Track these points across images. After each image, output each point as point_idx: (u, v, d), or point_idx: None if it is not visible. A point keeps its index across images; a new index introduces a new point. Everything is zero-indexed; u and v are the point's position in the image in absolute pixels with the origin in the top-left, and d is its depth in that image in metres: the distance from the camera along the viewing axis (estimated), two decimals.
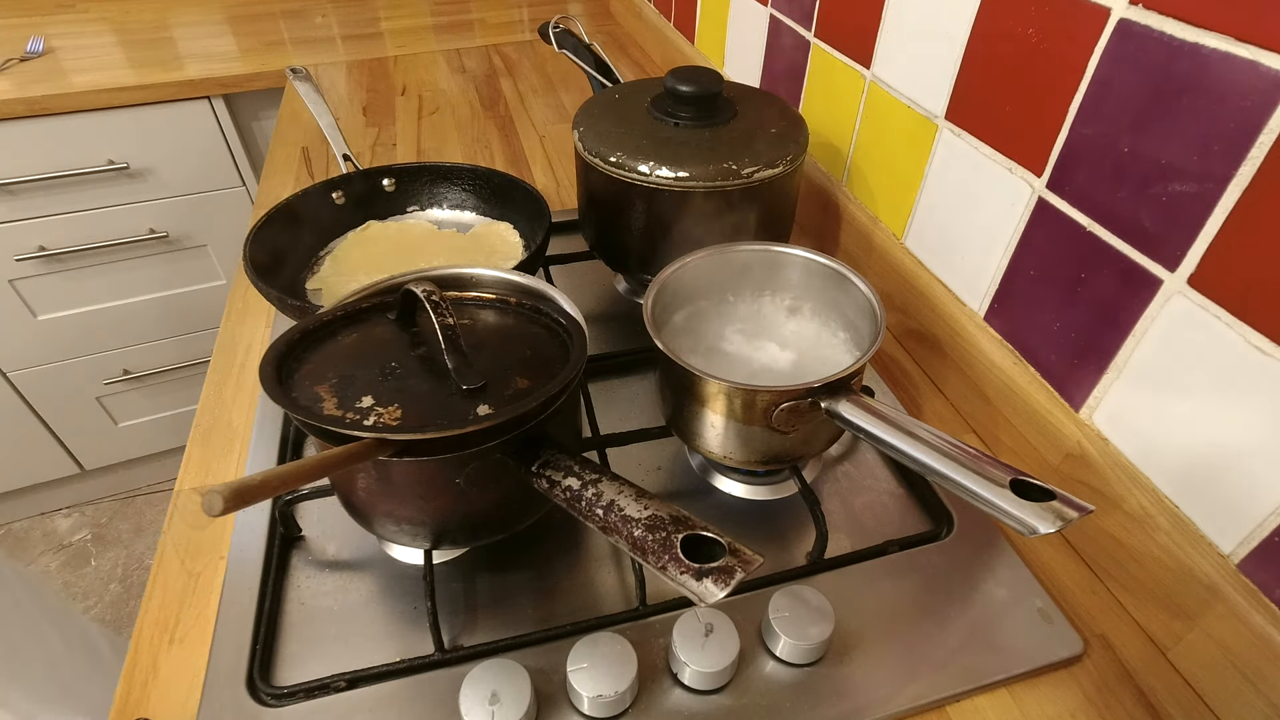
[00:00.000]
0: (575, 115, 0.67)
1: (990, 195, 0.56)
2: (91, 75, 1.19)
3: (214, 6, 1.50)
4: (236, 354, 0.68)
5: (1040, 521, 0.35)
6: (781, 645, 0.44)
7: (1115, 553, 0.49)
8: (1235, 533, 0.42)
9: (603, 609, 0.48)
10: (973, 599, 0.49)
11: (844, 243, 0.78)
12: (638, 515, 0.35)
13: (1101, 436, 0.51)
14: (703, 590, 0.31)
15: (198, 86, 1.21)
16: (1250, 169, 0.38)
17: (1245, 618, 0.41)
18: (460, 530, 0.47)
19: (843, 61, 0.72)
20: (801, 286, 0.58)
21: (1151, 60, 0.42)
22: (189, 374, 1.53)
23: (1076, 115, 0.47)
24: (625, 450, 0.58)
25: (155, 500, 1.73)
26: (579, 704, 0.42)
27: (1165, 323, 0.44)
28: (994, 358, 0.58)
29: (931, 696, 0.44)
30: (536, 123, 1.11)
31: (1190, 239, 0.41)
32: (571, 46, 0.80)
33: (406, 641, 0.47)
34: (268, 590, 0.48)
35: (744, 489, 0.56)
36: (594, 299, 0.75)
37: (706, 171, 0.59)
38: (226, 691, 0.43)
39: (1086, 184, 0.48)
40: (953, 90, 0.58)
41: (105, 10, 1.46)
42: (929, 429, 0.42)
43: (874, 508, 0.55)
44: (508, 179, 0.74)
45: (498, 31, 1.45)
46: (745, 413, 0.47)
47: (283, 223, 0.67)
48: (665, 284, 0.54)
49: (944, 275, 0.64)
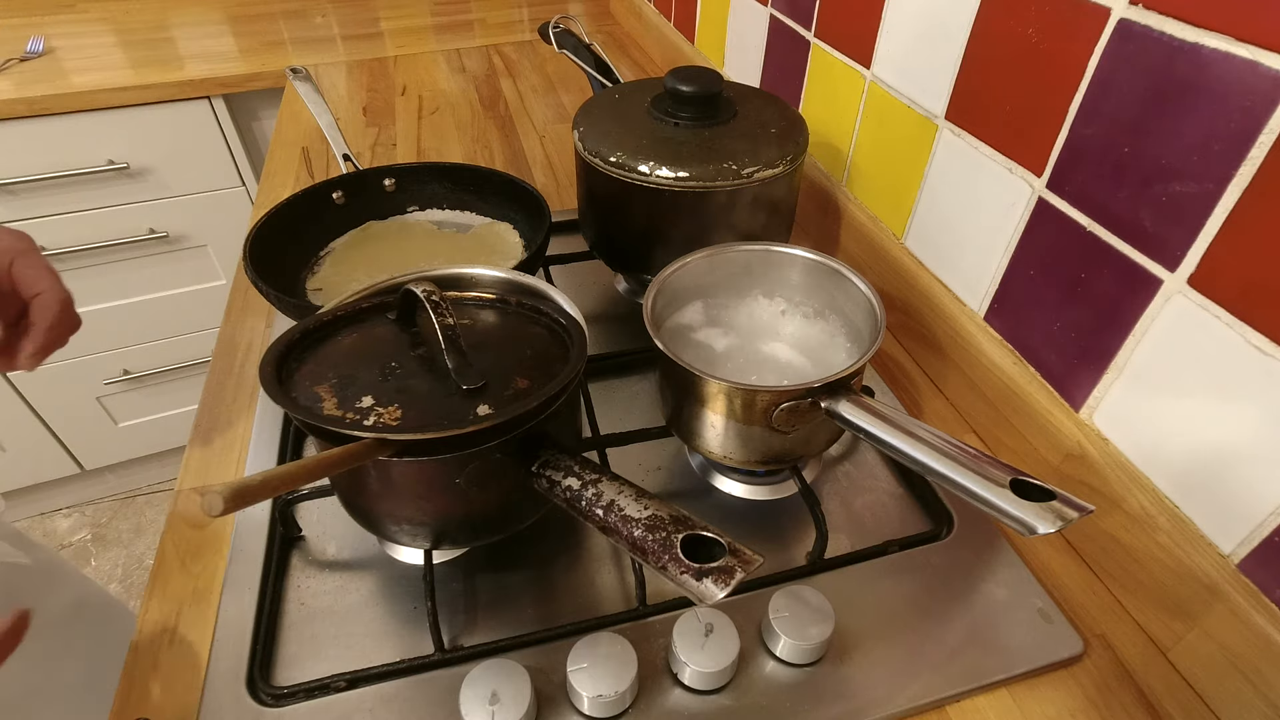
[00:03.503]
0: (575, 115, 0.67)
1: (990, 195, 0.56)
2: (91, 75, 1.19)
3: (214, 6, 1.50)
4: (236, 354, 0.68)
5: (1040, 521, 0.35)
6: (781, 645, 0.44)
7: (1115, 553, 0.49)
8: (1235, 533, 0.42)
9: (603, 609, 0.48)
10: (973, 599, 0.49)
11: (844, 243, 0.78)
12: (638, 515, 0.35)
13: (1101, 436, 0.51)
14: (703, 590, 0.31)
15: (198, 86, 1.21)
16: (1250, 169, 0.38)
17: (1245, 618, 0.41)
18: (460, 530, 0.47)
19: (843, 61, 0.72)
20: (801, 286, 0.58)
21: (1152, 60, 0.42)
22: (189, 374, 1.53)
23: (1076, 115, 0.47)
24: (625, 450, 0.58)
25: (155, 500, 1.73)
26: (579, 704, 0.42)
27: (1165, 323, 0.44)
28: (994, 358, 0.58)
29: (931, 696, 0.44)
30: (536, 123, 1.11)
31: (1190, 239, 0.41)
32: (571, 46, 0.80)
33: (406, 641, 0.47)
34: (268, 590, 0.48)
35: (744, 489, 0.56)
36: (594, 299, 0.75)
37: (706, 171, 0.59)
38: (226, 691, 0.43)
39: (1086, 184, 0.48)
40: (953, 90, 0.58)
41: (105, 10, 1.46)
42: (929, 429, 0.42)
43: (874, 508, 0.55)
44: (508, 179, 0.74)
45: (498, 31, 1.45)
46: (745, 413, 0.47)
47: (283, 222, 0.67)
48: (665, 284, 0.54)
49: (944, 275, 0.64)
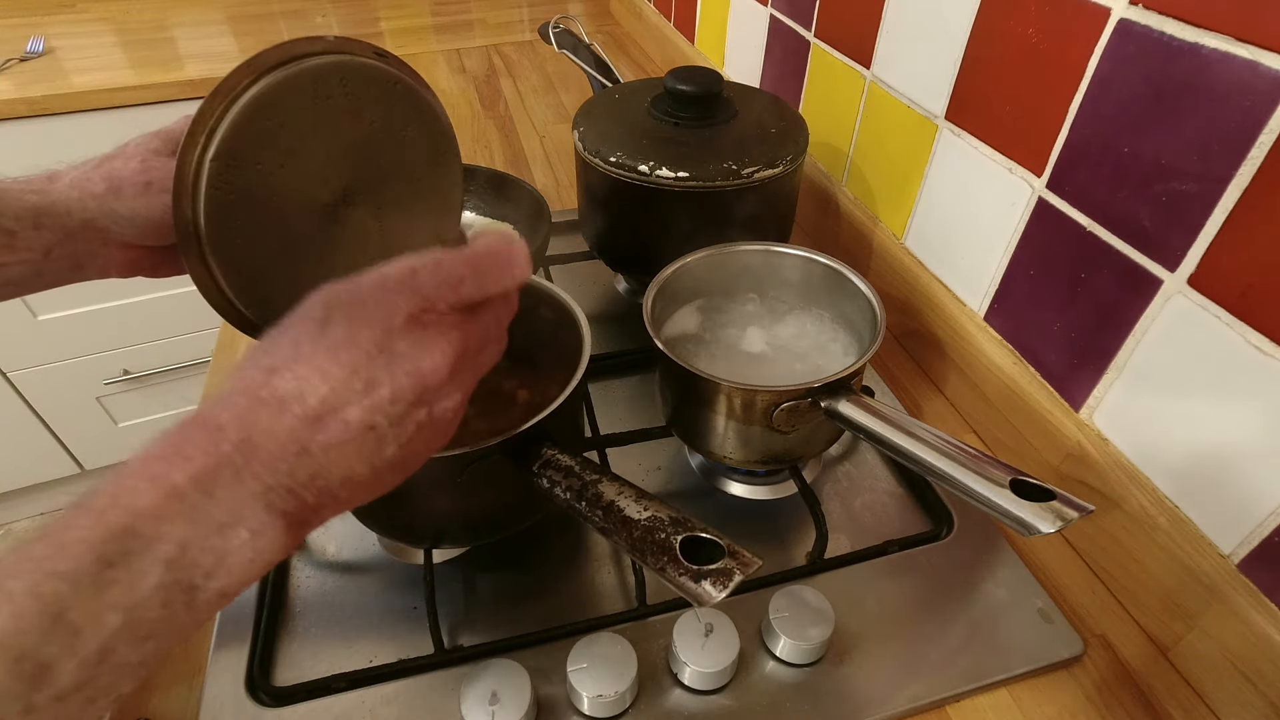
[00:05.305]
0: (575, 115, 0.67)
1: (990, 195, 0.56)
2: (91, 75, 1.19)
3: (214, 6, 1.50)
4: (236, 354, 0.68)
5: (1040, 521, 0.35)
6: (781, 645, 0.44)
7: (1115, 553, 0.49)
8: (1235, 533, 0.42)
9: (603, 609, 0.48)
10: (973, 599, 0.49)
11: (844, 243, 0.78)
12: (637, 516, 0.35)
13: (1101, 436, 0.51)
14: (701, 592, 0.31)
15: (198, 86, 1.21)
16: (1250, 169, 0.38)
17: (1245, 618, 0.41)
18: (460, 530, 0.47)
19: (843, 61, 0.72)
20: (801, 286, 0.58)
21: (1152, 60, 0.42)
22: (189, 374, 1.53)
23: (1076, 115, 0.47)
24: (625, 450, 0.58)
25: None
26: (579, 704, 0.42)
27: (1165, 323, 0.44)
28: (994, 358, 0.58)
29: (931, 696, 0.44)
30: (536, 123, 1.11)
31: (1190, 239, 0.41)
32: (571, 46, 0.80)
33: (406, 641, 0.46)
34: (268, 590, 0.48)
35: (744, 489, 0.56)
36: (594, 299, 0.75)
37: (706, 171, 0.59)
38: (226, 691, 0.43)
39: (1086, 184, 0.48)
40: (953, 90, 0.58)
41: (105, 10, 1.46)
42: (929, 429, 0.42)
43: (874, 508, 0.55)
44: (508, 179, 0.74)
45: (498, 31, 1.45)
46: (745, 413, 0.47)
47: None
48: (665, 284, 0.54)
49: (944, 275, 0.64)
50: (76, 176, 0.39)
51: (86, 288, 0.41)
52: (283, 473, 0.26)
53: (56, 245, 0.38)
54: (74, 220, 0.38)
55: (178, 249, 0.35)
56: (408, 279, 0.29)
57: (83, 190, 0.39)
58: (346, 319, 0.28)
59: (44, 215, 0.37)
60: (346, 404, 0.27)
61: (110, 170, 0.39)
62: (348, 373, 0.27)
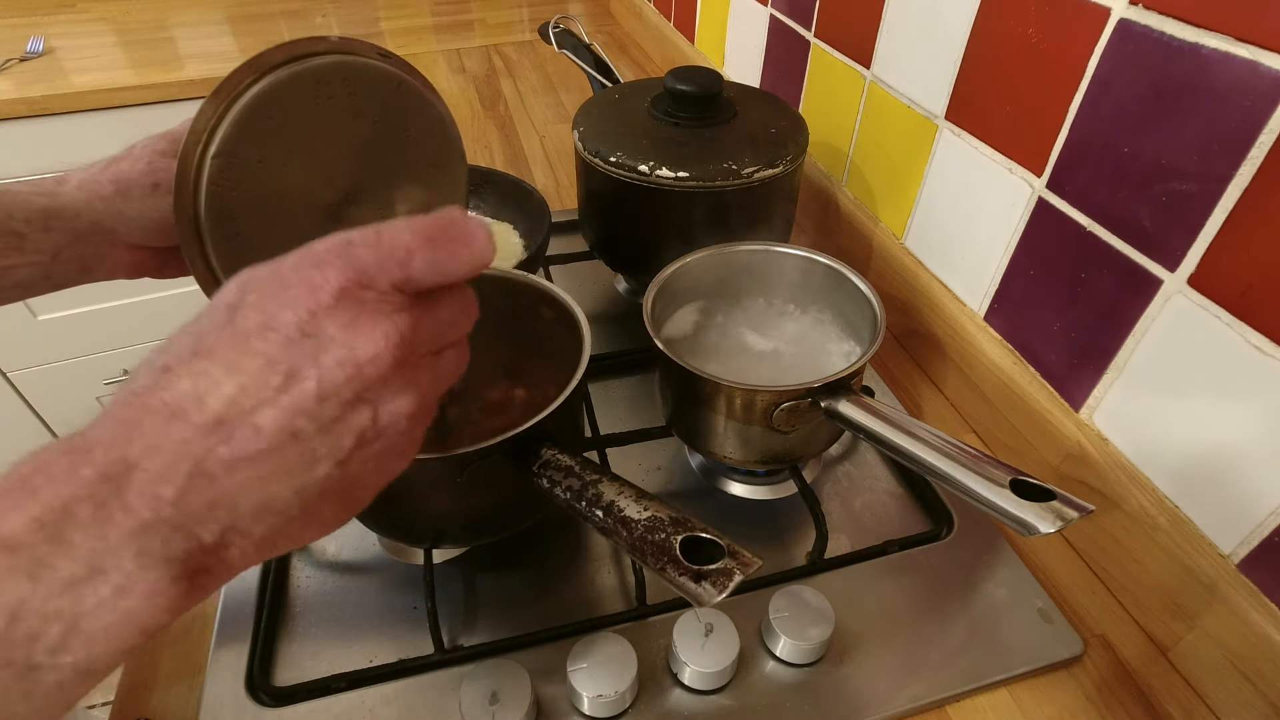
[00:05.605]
0: (575, 115, 0.67)
1: (990, 195, 0.56)
2: (91, 75, 1.19)
3: (214, 6, 1.50)
4: None
5: (1040, 521, 0.35)
6: (781, 645, 0.44)
7: (1115, 553, 0.49)
8: (1235, 533, 0.42)
9: (603, 609, 0.48)
10: (973, 599, 0.49)
11: (844, 243, 0.78)
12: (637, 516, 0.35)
13: (1101, 436, 0.51)
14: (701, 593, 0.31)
15: (198, 86, 1.21)
16: (1250, 169, 0.38)
17: (1245, 618, 0.41)
18: (460, 530, 0.47)
19: (843, 61, 0.72)
20: (801, 286, 0.58)
21: (1152, 60, 0.42)
22: None
23: (1076, 115, 0.47)
24: (625, 450, 0.58)
25: None
26: (579, 704, 0.42)
27: (1165, 323, 0.44)
28: (994, 358, 0.58)
29: (931, 696, 0.44)
30: (536, 123, 1.11)
31: (1190, 239, 0.41)
32: (571, 46, 0.80)
33: (406, 641, 0.46)
34: (268, 590, 0.48)
35: (744, 489, 0.56)
36: (594, 299, 0.75)
37: (706, 171, 0.59)
38: (226, 691, 0.43)
39: (1086, 184, 0.48)
40: (953, 90, 0.58)
41: (105, 10, 1.46)
42: (929, 429, 0.42)
43: (874, 508, 0.55)
44: (508, 179, 0.74)
45: (498, 31, 1.45)
46: (745, 413, 0.47)
47: None
48: (665, 284, 0.54)
49: (944, 275, 0.64)
50: (84, 179, 0.39)
51: (87, 288, 0.41)
52: (167, 502, 0.20)
53: (65, 247, 0.38)
54: (82, 222, 0.38)
55: (179, 247, 0.35)
56: (340, 249, 0.23)
57: (91, 192, 0.38)
58: (262, 301, 0.22)
59: (53, 217, 0.37)
60: (259, 404, 0.21)
61: (118, 172, 0.39)
62: (261, 364, 0.21)
